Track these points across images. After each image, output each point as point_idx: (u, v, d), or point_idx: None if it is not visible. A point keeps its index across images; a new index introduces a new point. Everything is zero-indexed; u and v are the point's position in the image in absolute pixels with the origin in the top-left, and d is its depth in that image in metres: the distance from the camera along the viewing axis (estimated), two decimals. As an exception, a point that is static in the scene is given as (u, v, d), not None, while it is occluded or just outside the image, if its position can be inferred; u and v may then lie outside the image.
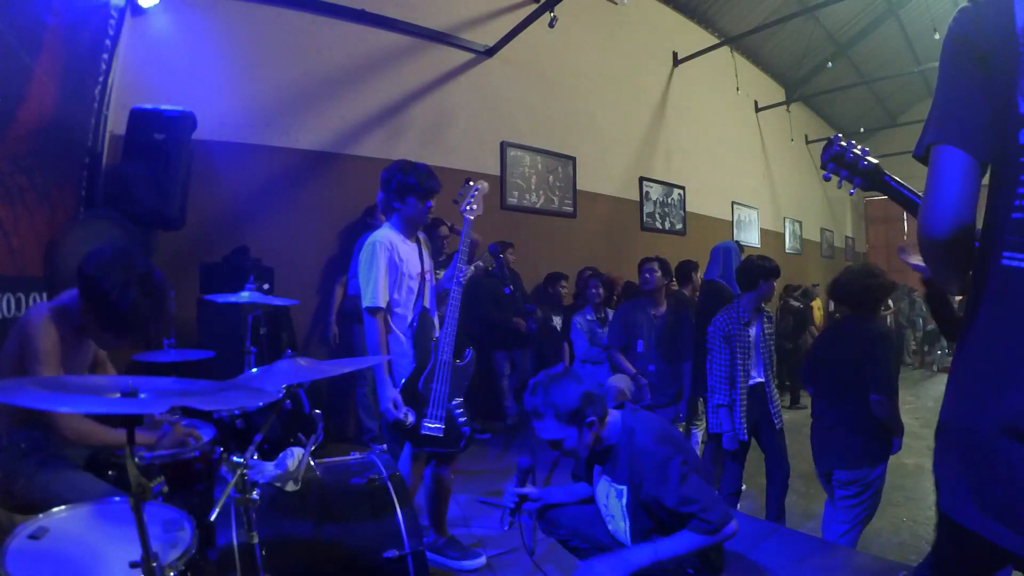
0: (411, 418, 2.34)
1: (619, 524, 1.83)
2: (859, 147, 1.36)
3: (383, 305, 2.37)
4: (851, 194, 1.41)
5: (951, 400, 0.91)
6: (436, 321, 2.54)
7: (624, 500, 1.78)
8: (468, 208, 2.60)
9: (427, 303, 2.54)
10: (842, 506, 2.48)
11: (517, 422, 4.63)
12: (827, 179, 1.40)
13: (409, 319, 2.48)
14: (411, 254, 2.51)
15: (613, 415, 1.83)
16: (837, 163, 1.37)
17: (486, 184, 2.67)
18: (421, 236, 2.66)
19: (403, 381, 2.40)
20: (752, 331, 3.03)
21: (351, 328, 4.01)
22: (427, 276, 2.58)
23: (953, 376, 0.92)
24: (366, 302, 2.37)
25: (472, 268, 2.64)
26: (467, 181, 2.70)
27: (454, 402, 2.43)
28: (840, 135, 1.42)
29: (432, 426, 2.38)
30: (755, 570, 2.00)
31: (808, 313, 7.25)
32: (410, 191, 2.43)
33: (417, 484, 2.55)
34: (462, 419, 2.44)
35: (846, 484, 2.43)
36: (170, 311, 1.86)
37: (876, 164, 1.33)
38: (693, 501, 1.65)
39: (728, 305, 3.11)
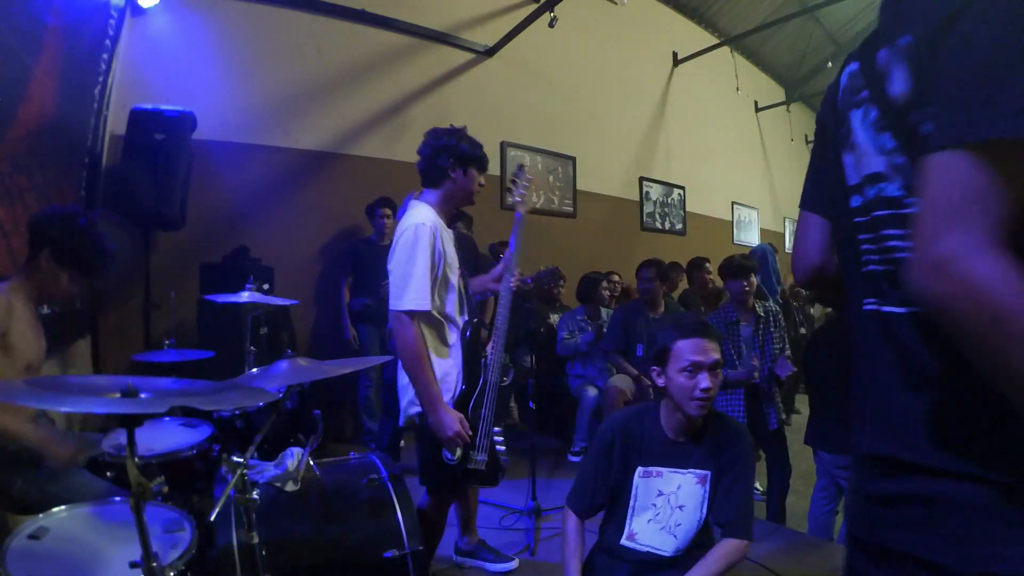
0: (458, 452, 1.95)
1: (690, 516, 1.62)
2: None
3: (428, 308, 1.88)
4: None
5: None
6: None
7: (707, 486, 1.61)
8: (518, 200, 2.21)
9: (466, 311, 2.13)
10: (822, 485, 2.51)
11: (516, 421, 4.63)
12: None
13: (450, 326, 2.05)
14: (451, 244, 2.09)
15: None
16: None
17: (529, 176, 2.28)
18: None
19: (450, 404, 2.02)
20: (743, 330, 3.07)
21: (358, 328, 4.01)
22: (463, 273, 2.15)
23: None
24: (403, 304, 1.85)
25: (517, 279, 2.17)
26: (520, 167, 2.34)
27: (496, 430, 2.07)
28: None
29: (480, 458, 2.01)
30: (756, 570, 2.00)
31: (802, 312, 7.21)
32: (471, 161, 2.05)
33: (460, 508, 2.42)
34: (501, 448, 2.08)
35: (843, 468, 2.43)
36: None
37: None
38: (747, 503, 1.61)
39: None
